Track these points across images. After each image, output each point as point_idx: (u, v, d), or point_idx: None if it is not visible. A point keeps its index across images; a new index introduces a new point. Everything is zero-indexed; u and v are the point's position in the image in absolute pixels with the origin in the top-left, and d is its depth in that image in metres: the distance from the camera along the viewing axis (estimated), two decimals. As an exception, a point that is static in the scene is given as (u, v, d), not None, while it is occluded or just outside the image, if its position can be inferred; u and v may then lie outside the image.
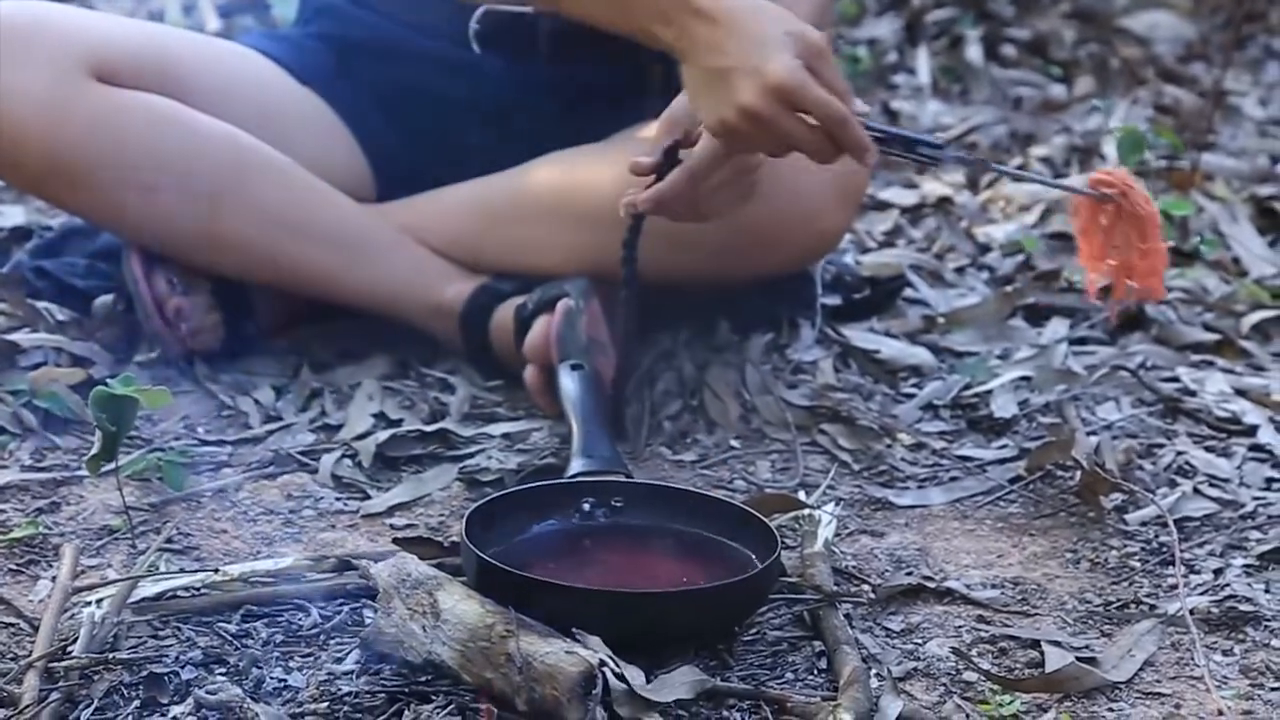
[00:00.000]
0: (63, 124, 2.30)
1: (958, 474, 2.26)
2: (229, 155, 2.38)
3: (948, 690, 1.75)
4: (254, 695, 1.65)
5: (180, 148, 2.36)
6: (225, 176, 2.37)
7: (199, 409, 2.35)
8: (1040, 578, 2.00)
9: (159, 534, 2.00)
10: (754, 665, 1.78)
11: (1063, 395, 2.46)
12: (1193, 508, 2.16)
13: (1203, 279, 2.87)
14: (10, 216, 2.82)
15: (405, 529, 2.06)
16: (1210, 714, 1.72)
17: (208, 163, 2.36)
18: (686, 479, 2.21)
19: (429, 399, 2.39)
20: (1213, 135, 3.53)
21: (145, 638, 1.77)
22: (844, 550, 2.04)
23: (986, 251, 3.01)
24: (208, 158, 2.36)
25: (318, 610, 1.83)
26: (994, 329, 2.68)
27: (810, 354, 2.53)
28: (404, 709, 1.64)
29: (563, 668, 1.58)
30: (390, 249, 2.44)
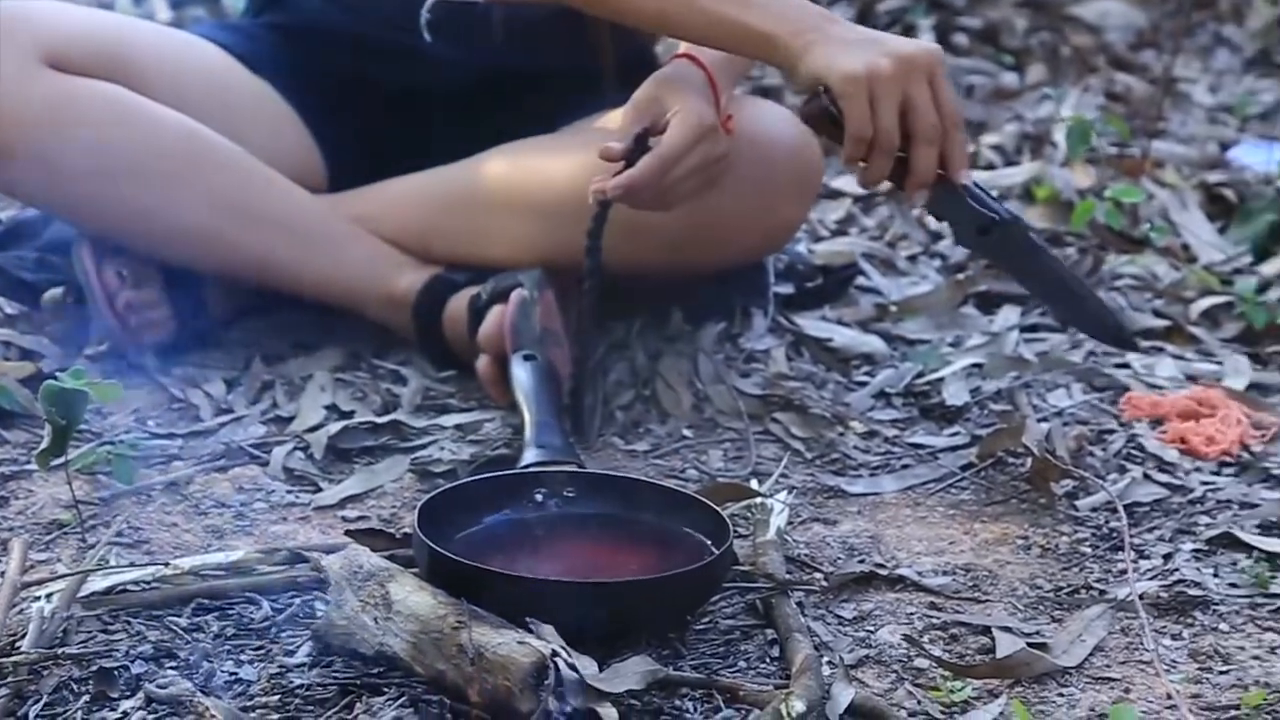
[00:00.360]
0: (16, 111, 2.29)
1: (910, 461, 2.27)
2: (182, 144, 2.37)
3: (899, 677, 1.76)
4: (205, 689, 1.65)
5: (133, 136, 2.35)
6: (178, 165, 2.36)
7: (149, 402, 2.34)
8: (991, 564, 2.01)
9: (109, 528, 1.99)
10: (706, 654, 1.78)
11: (1014, 382, 2.47)
12: (1142, 493, 2.17)
13: (1152, 265, 2.88)
14: (-43, 211, 2.80)
15: (357, 521, 2.06)
16: (1159, 698, 1.73)
17: (160, 151, 2.35)
18: (639, 468, 2.22)
19: (381, 390, 2.38)
20: (1163, 122, 3.55)
21: (95, 632, 1.77)
22: (796, 538, 2.04)
23: (938, 239, 3.01)
24: (160, 146, 2.35)
25: (269, 603, 1.82)
26: (946, 317, 2.69)
27: (763, 343, 2.54)
28: (356, 701, 1.64)
29: (515, 658, 1.58)
30: (343, 239, 2.44)
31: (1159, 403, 2.38)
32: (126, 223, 2.37)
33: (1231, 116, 3.81)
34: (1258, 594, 1.94)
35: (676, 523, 1.93)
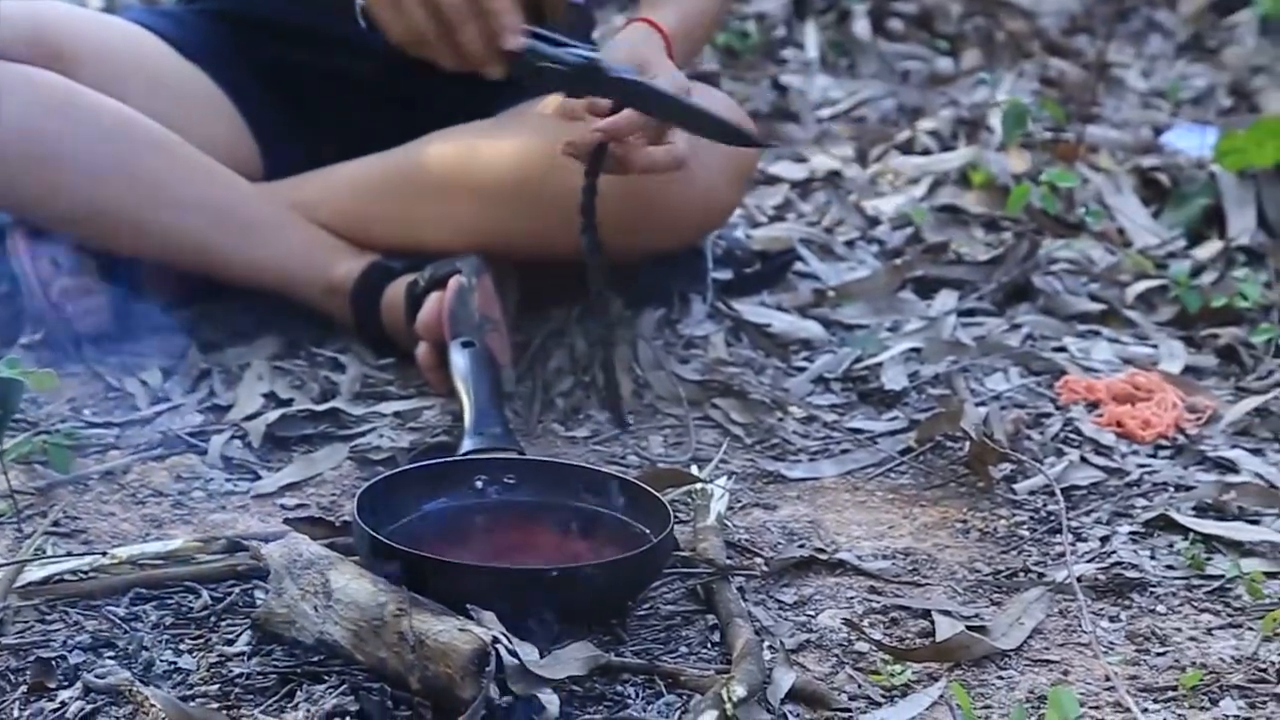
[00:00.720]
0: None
1: (849, 446, 2.28)
2: (115, 131, 2.35)
3: (840, 661, 1.76)
4: (144, 678, 1.64)
5: (65, 122, 2.33)
6: (111, 152, 2.34)
7: (86, 391, 2.32)
8: (930, 548, 2.02)
9: (45, 517, 1.97)
10: (648, 640, 1.78)
11: (952, 367, 2.48)
12: (1080, 476, 2.19)
13: (1088, 250, 2.90)
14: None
15: (296, 509, 2.05)
16: (1098, 679, 1.74)
17: (93, 138, 2.33)
18: (579, 455, 2.21)
19: (319, 378, 2.37)
20: (1097, 107, 3.57)
21: (32, 622, 1.75)
22: (736, 524, 2.05)
23: (876, 224, 3.02)
24: (93, 133, 2.33)
25: (208, 592, 1.81)
26: (884, 302, 2.70)
27: (702, 328, 2.54)
28: (296, 689, 1.63)
29: (456, 645, 1.58)
30: (280, 227, 2.43)
31: (1095, 386, 2.40)
32: (58, 210, 2.35)
33: (1165, 101, 3.84)
34: (1194, 576, 1.96)
35: (617, 509, 1.93)
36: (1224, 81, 4.02)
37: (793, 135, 3.47)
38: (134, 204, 2.35)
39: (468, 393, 2.13)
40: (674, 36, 2.23)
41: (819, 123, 3.57)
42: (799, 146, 3.39)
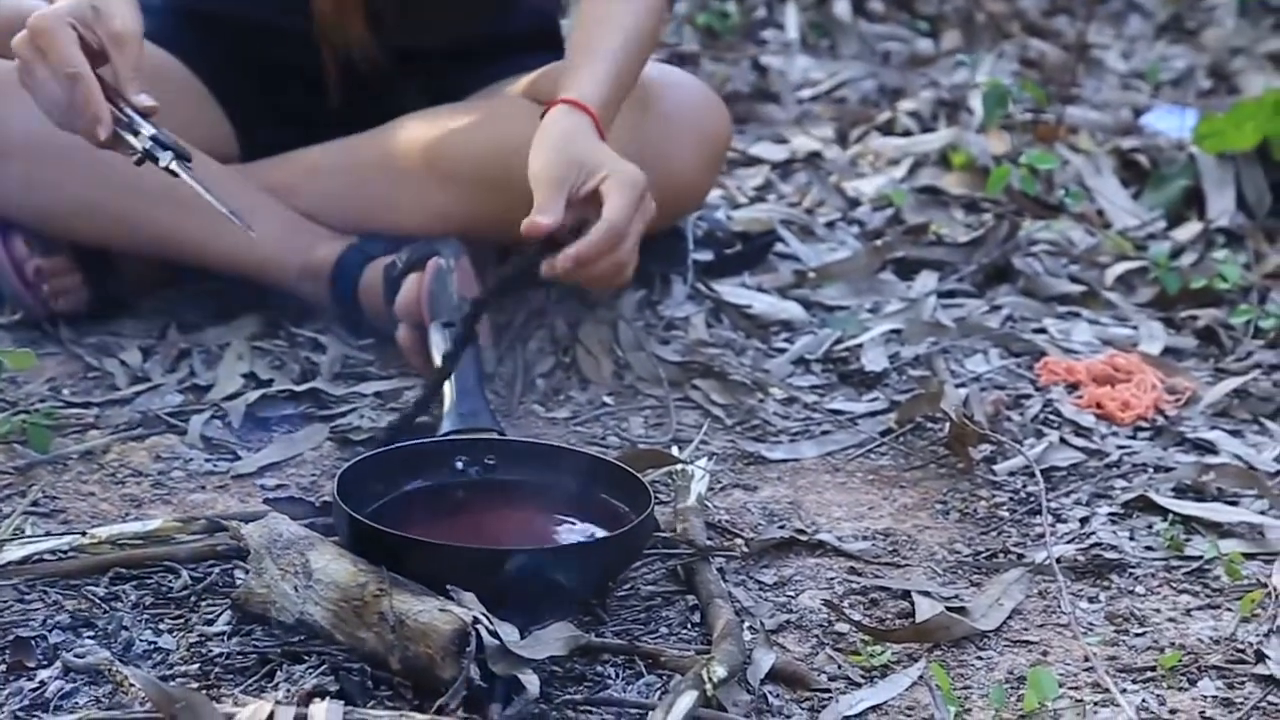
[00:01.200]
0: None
1: (829, 427, 2.28)
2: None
3: (820, 642, 1.76)
4: (123, 658, 1.63)
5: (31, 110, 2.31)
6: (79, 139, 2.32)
7: (64, 370, 2.31)
8: (910, 529, 2.02)
9: (24, 497, 1.97)
10: (628, 620, 1.78)
11: (932, 348, 2.48)
12: (1059, 458, 2.19)
13: (1068, 231, 2.90)
14: None
15: (276, 489, 2.04)
16: (1077, 660, 1.75)
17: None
18: (560, 435, 2.21)
19: (300, 358, 2.36)
20: (1077, 88, 3.57)
21: (11, 602, 1.74)
22: (717, 504, 2.05)
23: (856, 206, 3.02)
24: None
25: (188, 572, 1.81)
26: (864, 283, 2.70)
27: (682, 309, 2.54)
28: (276, 669, 1.63)
29: (436, 626, 1.58)
30: (257, 211, 2.40)
31: (1075, 368, 2.40)
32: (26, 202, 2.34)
33: (1144, 82, 3.84)
34: (1173, 557, 1.97)
35: (598, 490, 1.92)
36: (1203, 63, 4.03)
37: (773, 116, 3.47)
38: (102, 193, 2.33)
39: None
40: (605, 103, 2.10)
41: (799, 104, 3.57)
42: (779, 127, 3.39)
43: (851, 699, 1.66)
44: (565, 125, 2.07)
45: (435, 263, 2.26)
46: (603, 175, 2.00)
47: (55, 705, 1.56)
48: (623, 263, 2.01)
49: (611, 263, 1.99)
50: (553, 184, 2.00)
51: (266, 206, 2.41)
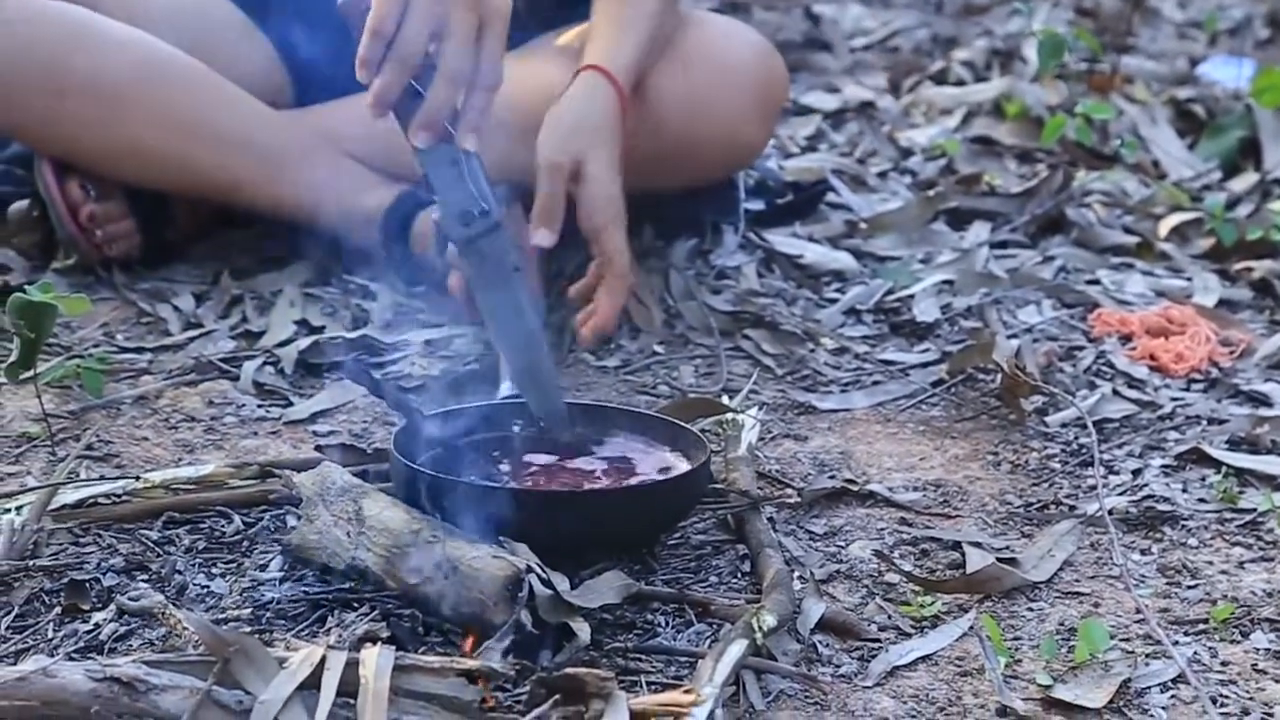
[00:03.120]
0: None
1: (880, 378, 2.27)
2: (139, 61, 2.34)
3: (870, 592, 1.76)
4: (177, 601, 1.64)
5: (88, 54, 2.32)
6: (134, 82, 2.33)
7: (118, 316, 2.33)
8: (961, 480, 2.02)
9: (79, 441, 1.98)
10: (678, 569, 1.78)
11: (984, 299, 2.47)
12: (1112, 409, 2.18)
13: (1122, 182, 2.88)
14: (-79, 122, 2.77)
15: (328, 436, 2.05)
16: (1128, 612, 1.74)
17: (116, 68, 2.32)
18: (610, 385, 2.21)
19: (351, 306, 2.37)
20: (1132, 38, 3.54)
21: (66, 545, 1.76)
22: (767, 454, 2.04)
23: (909, 155, 3.01)
24: (116, 63, 2.32)
25: (240, 517, 1.82)
26: (916, 233, 2.69)
27: (734, 259, 2.54)
28: (328, 615, 1.63)
29: (489, 571, 1.57)
30: (308, 156, 2.41)
31: (1128, 319, 2.39)
32: (82, 142, 2.35)
33: (1201, 32, 3.81)
34: (1226, 509, 1.95)
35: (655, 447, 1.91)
36: (1261, 12, 3.98)
37: (825, 65, 3.45)
38: (157, 134, 2.34)
39: None
40: (631, 69, 2.19)
41: (852, 53, 3.55)
42: (832, 77, 3.38)
43: (901, 649, 1.65)
44: (581, 102, 2.16)
45: (484, 209, 2.25)
46: (603, 227, 2.14)
47: (109, 647, 1.57)
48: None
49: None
50: (554, 173, 2.12)
51: (317, 152, 2.42)
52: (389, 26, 1.71)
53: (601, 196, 2.13)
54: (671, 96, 2.30)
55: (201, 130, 2.35)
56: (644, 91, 2.29)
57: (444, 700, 1.43)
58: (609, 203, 2.13)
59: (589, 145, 2.14)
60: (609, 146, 2.15)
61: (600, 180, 2.13)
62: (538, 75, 2.33)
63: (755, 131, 2.43)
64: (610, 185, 2.14)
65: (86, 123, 2.33)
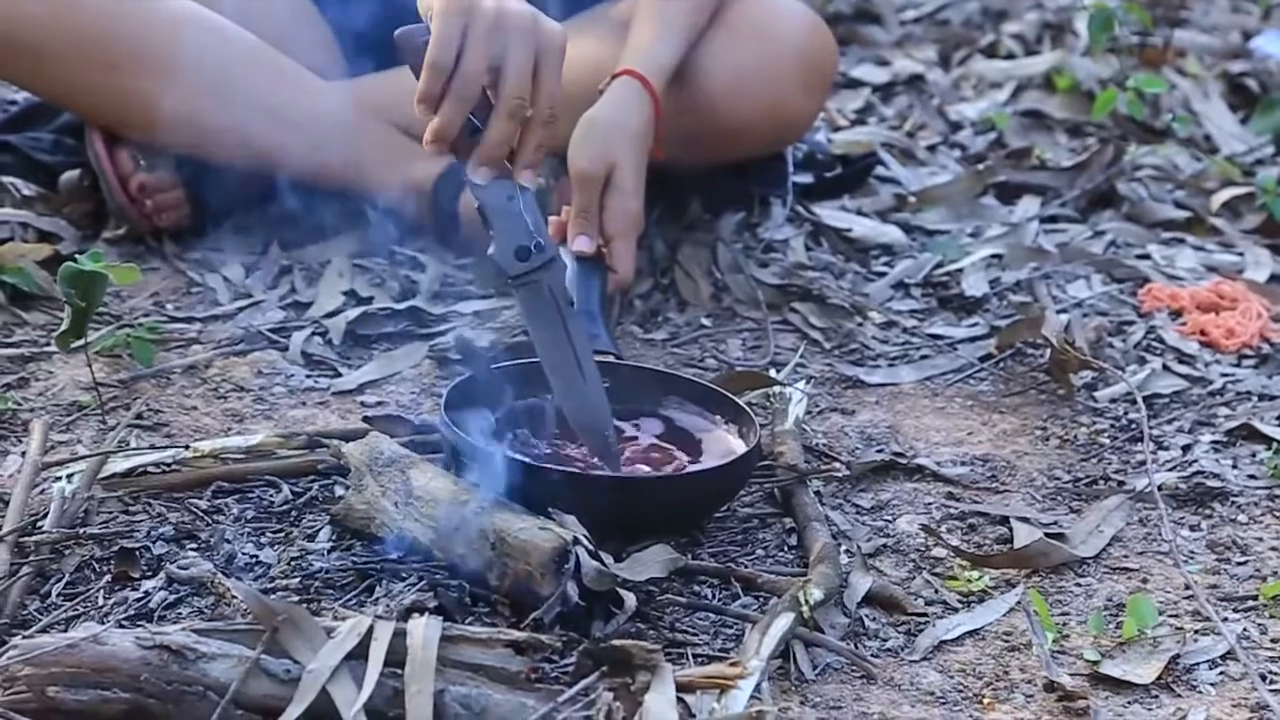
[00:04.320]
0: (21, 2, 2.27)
1: (928, 352, 2.26)
2: (189, 32, 2.34)
3: (917, 566, 1.76)
4: (225, 570, 1.65)
5: (138, 27, 2.32)
6: (184, 54, 2.33)
7: (167, 285, 2.33)
8: (1010, 455, 2.01)
9: (129, 410, 1.99)
10: (725, 542, 1.78)
11: (1033, 273, 2.46)
12: (1162, 385, 2.17)
13: (1174, 156, 2.86)
14: (-27, 92, 2.79)
15: (376, 406, 2.05)
16: (1177, 588, 1.74)
17: (165, 40, 2.32)
18: (657, 357, 2.21)
19: (399, 277, 2.37)
20: (1185, 11, 3.51)
21: (116, 513, 1.77)
22: (815, 428, 2.04)
23: (958, 129, 3.00)
24: (165, 35, 2.33)
25: (289, 487, 1.82)
26: (965, 207, 2.68)
27: (781, 232, 2.53)
28: (375, 585, 1.64)
29: (536, 543, 1.58)
30: (358, 127, 2.41)
31: (1179, 294, 2.37)
32: (132, 114, 2.36)
33: (1254, 5, 3.77)
34: (1276, 485, 1.94)
35: (708, 418, 1.92)
36: (1316, -14, 3.94)
37: (875, 38, 3.43)
38: (207, 107, 2.34)
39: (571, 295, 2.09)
40: (668, 70, 2.22)
41: (902, 25, 3.53)
42: (881, 50, 3.36)
43: (948, 624, 1.66)
44: (616, 111, 2.18)
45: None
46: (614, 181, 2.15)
47: (159, 615, 1.58)
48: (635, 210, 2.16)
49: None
50: (588, 184, 2.14)
51: (367, 124, 2.42)
52: (448, 61, 1.69)
53: (620, 209, 2.15)
54: (719, 71, 2.29)
55: (252, 101, 2.36)
56: (690, 66, 2.28)
57: (491, 671, 1.43)
58: (626, 216, 2.15)
59: (619, 156, 2.16)
60: (638, 156, 2.18)
61: (623, 192, 2.15)
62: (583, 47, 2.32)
63: (803, 105, 2.42)
64: (631, 198, 2.16)
65: (137, 95, 2.33)
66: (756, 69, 2.30)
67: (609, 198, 2.14)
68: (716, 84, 2.29)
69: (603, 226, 2.14)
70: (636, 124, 2.18)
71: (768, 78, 2.31)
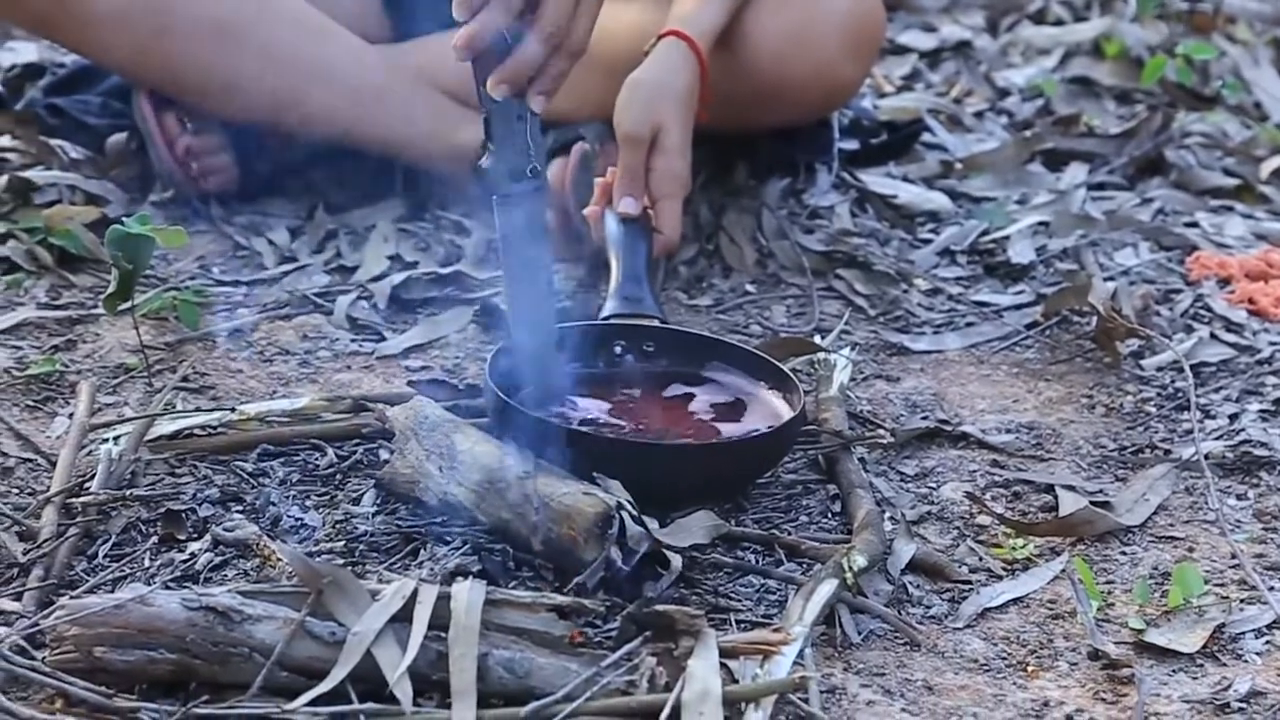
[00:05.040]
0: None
1: (974, 319, 2.26)
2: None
3: (961, 534, 1.75)
4: (271, 533, 1.66)
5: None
6: (233, 19, 2.33)
7: (214, 249, 2.34)
8: (1055, 423, 2.00)
9: (175, 373, 2.00)
10: (768, 509, 1.77)
11: (1080, 240, 2.45)
12: (1209, 353, 2.16)
13: (1223, 123, 2.85)
14: (23, 53, 2.80)
15: (420, 371, 2.06)
16: (1223, 557, 1.73)
17: (216, 5, 2.32)
18: (702, 323, 2.20)
19: (444, 241, 2.37)
20: (1236, -23, 3.48)
21: (162, 475, 1.78)
22: (859, 395, 2.04)
23: (1005, 95, 2.98)
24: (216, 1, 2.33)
25: (334, 450, 1.83)
26: (1012, 174, 2.66)
27: (827, 199, 2.52)
28: (420, 549, 1.64)
29: (580, 508, 1.58)
30: (404, 91, 2.41)
31: (1227, 262, 2.36)
32: (182, 78, 2.36)
33: (1306, -28, 3.74)
34: (1324, 455, 1.93)
35: (752, 383, 1.91)
36: (1369, -48, 3.91)
37: (922, 4, 3.41)
38: (255, 70, 2.34)
39: (617, 257, 2.10)
40: (714, 32, 2.20)
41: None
42: (928, 15, 3.34)
43: (992, 591, 1.65)
44: (662, 71, 2.16)
45: (580, 148, 2.25)
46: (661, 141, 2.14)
47: (205, 577, 1.59)
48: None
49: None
50: (634, 145, 2.12)
51: (413, 87, 2.42)
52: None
53: (667, 170, 2.14)
54: (764, 35, 2.28)
55: (299, 65, 2.36)
56: (737, 29, 2.27)
57: (534, 635, 1.44)
58: (673, 179, 2.14)
59: (666, 117, 2.15)
60: (684, 117, 2.17)
61: (670, 153, 2.14)
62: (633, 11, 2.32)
63: (850, 71, 2.40)
64: (678, 160, 2.14)
65: (186, 59, 2.34)
66: (803, 33, 2.28)
67: (655, 159, 2.14)
68: (763, 47, 2.28)
69: (649, 188, 2.14)
70: (683, 85, 2.17)
71: (814, 42, 2.30)
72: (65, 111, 2.49)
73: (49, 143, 2.46)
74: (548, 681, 1.41)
